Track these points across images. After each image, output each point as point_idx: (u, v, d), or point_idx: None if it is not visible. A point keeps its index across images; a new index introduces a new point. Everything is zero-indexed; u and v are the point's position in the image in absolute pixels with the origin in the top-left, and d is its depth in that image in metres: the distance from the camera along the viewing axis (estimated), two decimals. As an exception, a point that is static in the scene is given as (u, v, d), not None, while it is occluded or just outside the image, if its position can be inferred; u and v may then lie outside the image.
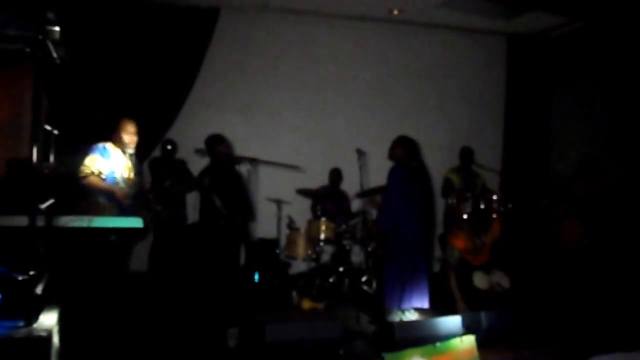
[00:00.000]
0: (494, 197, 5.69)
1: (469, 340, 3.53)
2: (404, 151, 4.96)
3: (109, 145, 4.32)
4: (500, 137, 7.71)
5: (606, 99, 6.84)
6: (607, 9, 6.20)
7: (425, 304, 4.88)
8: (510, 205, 5.71)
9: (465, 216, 5.37)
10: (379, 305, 4.87)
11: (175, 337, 4.03)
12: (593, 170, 5.61)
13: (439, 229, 5.93)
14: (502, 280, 5.24)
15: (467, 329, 3.90)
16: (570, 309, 4.70)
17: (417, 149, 5.06)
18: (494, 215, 5.53)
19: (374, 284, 5.52)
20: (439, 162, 6.47)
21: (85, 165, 4.13)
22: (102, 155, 4.23)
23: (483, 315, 4.14)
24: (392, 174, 4.90)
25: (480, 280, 5.23)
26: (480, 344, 3.41)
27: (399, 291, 4.79)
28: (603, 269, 5.15)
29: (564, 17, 6.81)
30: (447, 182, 6.17)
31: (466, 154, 6.23)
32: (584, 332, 4.25)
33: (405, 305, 4.78)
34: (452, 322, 3.98)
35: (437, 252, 6.03)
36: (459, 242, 5.37)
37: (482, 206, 5.43)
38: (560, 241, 5.58)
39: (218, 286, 4.75)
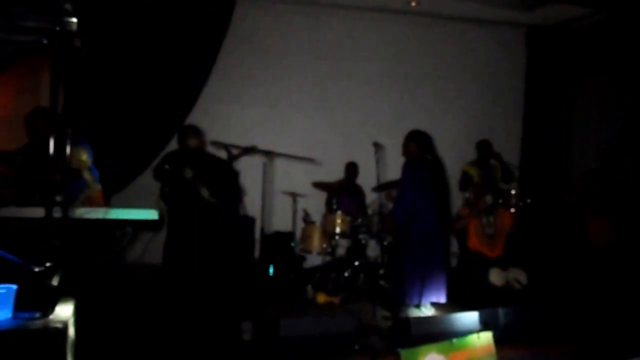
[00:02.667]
0: (513, 191, 5.64)
1: (487, 336, 3.47)
2: (418, 146, 4.94)
3: None
4: (519, 131, 7.60)
5: (628, 92, 6.70)
6: (629, 0, 6.06)
7: (442, 298, 4.85)
8: (528, 200, 5.64)
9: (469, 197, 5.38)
10: (395, 300, 4.85)
11: (190, 330, 4.04)
12: (617, 165, 5.52)
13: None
14: (519, 276, 5.19)
15: (485, 325, 3.85)
16: (590, 307, 4.62)
17: (430, 142, 5.02)
18: (512, 210, 5.48)
19: (391, 279, 5.49)
20: (456, 156, 6.41)
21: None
22: None
23: (501, 312, 4.09)
24: (406, 168, 4.88)
25: (496, 277, 5.19)
26: (497, 340, 3.35)
27: (417, 286, 4.76)
28: (629, 267, 5.05)
29: (585, 9, 6.67)
30: (465, 176, 6.09)
31: (484, 147, 6.15)
32: (602, 330, 4.18)
33: (422, 300, 4.75)
34: (469, 318, 3.93)
35: (454, 247, 5.98)
36: (464, 210, 5.39)
37: (500, 201, 5.38)
38: (587, 238, 5.48)
39: (231, 279, 4.73)
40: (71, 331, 2.34)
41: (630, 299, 4.65)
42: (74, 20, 2.52)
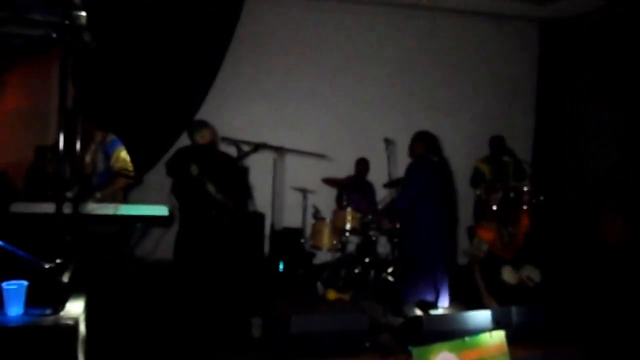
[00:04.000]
0: (525, 189, 5.56)
1: (499, 335, 3.43)
2: (425, 147, 4.91)
3: None
4: (532, 127, 7.52)
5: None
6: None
7: (444, 302, 4.79)
8: (541, 197, 5.56)
9: (494, 207, 5.25)
10: (405, 298, 4.81)
11: (200, 326, 4.03)
12: (631, 163, 5.44)
13: (469, 222, 5.82)
14: (532, 274, 5.13)
15: (497, 324, 3.81)
16: (604, 306, 4.56)
17: (437, 144, 4.98)
18: (525, 207, 5.40)
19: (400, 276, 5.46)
20: (468, 152, 6.35)
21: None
22: None
23: (514, 311, 4.04)
24: (410, 169, 4.87)
25: (509, 275, 5.13)
26: (510, 339, 3.31)
27: (424, 284, 4.73)
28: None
29: (600, 2, 6.57)
30: (477, 172, 6.02)
31: (497, 144, 6.07)
32: (616, 329, 4.13)
33: (431, 298, 4.71)
34: (481, 316, 3.89)
35: (465, 244, 5.93)
36: (488, 235, 5.26)
37: (511, 195, 5.30)
38: (600, 236, 5.41)
39: (241, 275, 4.72)
40: (82, 328, 2.33)
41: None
42: (83, 13, 2.50)
